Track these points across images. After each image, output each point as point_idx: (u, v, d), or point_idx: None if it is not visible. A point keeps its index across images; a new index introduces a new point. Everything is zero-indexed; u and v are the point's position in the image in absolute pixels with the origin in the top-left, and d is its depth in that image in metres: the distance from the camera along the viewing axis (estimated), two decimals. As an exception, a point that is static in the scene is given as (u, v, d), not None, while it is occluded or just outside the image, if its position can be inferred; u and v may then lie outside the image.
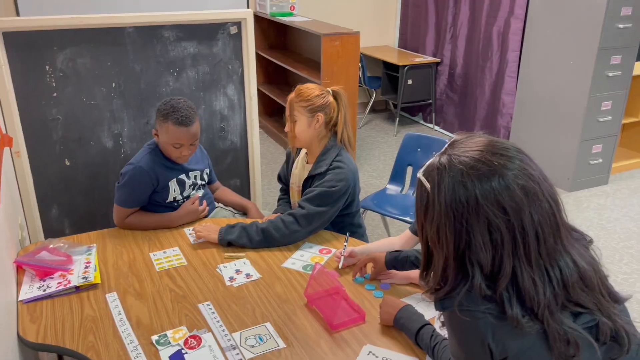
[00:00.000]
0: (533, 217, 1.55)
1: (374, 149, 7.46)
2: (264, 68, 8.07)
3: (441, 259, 1.64)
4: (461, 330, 1.66)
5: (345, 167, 3.19)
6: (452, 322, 1.69)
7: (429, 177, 1.64)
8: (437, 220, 1.60)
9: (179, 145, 3.22)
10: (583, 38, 5.69)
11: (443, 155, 1.64)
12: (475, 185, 1.54)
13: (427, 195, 1.63)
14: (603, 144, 6.14)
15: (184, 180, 3.36)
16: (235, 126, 4.28)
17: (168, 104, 3.20)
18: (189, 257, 2.96)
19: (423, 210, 1.66)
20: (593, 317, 1.61)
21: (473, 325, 1.61)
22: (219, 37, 4.05)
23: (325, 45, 5.90)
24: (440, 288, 1.66)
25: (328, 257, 2.95)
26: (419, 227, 1.71)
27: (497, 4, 6.92)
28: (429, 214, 1.63)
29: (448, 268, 1.63)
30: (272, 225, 3.08)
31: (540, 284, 1.57)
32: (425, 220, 1.66)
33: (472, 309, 1.60)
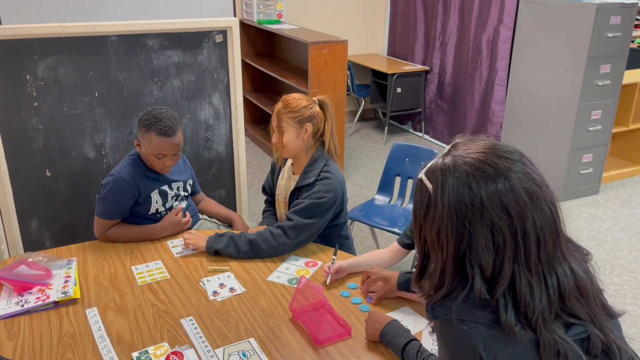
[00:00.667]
0: (535, 222, 1.54)
1: (362, 158, 7.45)
2: (250, 76, 8.06)
3: (439, 262, 1.63)
4: (452, 340, 1.64)
5: (333, 177, 3.17)
6: (443, 331, 1.66)
7: (431, 177, 1.62)
8: (438, 221, 1.59)
9: (161, 156, 3.19)
10: (572, 47, 5.69)
11: (447, 157, 1.63)
12: (480, 187, 1.54)
13: (429, 195, 1.61)
14: (593, 154, 6.14)
15: (167, 192, 3.33)
16: (220, 136, 4.25)
17: (150, 114, 3.17)
18: (172, 270, 2.93)
19: (423, 211, 1.64)
20: (585, 329, 1.60)
21: (465, 335, 1.58)
22: (204, 46, 4.02)
23: (313, 54, 5.88)
24: (436, 292, 1.65)
25: (314, 270, 2.93)
26: (416, 229, 1.69)
27: (486, 13, 6.93)
28: (429, 215, 1.62)
29: (446, 271, 1.62)
30: (260, 236, 3.06)
31: (537, 290, 1.56)
32: (424, 222, 1.64)
33: (465, 318, 1.58)
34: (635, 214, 5.90)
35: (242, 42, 7.82)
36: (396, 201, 4.57)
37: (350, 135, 8.32)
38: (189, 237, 3.13)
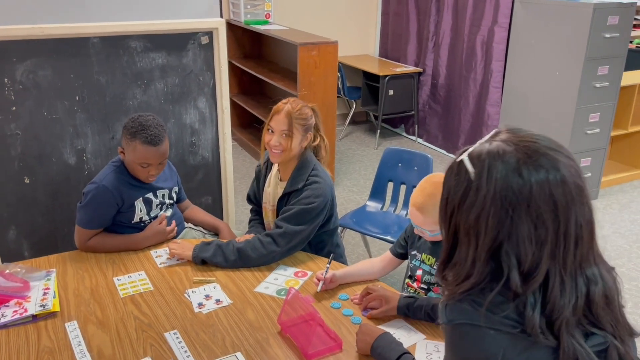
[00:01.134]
0: (577, 219, 1.54)
1: (353, 162, 7.44)
2: (238, 78, 8.04)
3: (471, 250, 1.60)
4: (467, 346, 1.61)
5: (322, 181, 3.17)
6: (457, 336, 1.63)
7: (475, 161, 1.60)
8: (479, 206, 1.56)
9: (146, 165, 3.16)
10: (569, 48, 5.69)
11: (492, 142, 1.61)
12: (531, 175, 1.52)
13: (468, 179, 1.59)
14: (592, 157, 6.14)
15: (151, 199, 3.30)
16: (206, 140, 4.23)
17: (136, 121, 3.14)
18: (156, 281, 2.90)
19: (459, 196, 1.61)
20: (605, 340, 1.59)
21: (482, 341, 1.57)
22: (189, 48, 4.00)
23: (302, 55, 5.87)
24: (462, 282, 1.61)
25: (303, 281, 2.90)
26: (446, 215, 1.67)
27: (481, 13, 6.93)
28: (468, 200, 1.59)
29: (477, 260, 1.59)
30: (248, 245, 3.04)
31: (567, 293, 1.55)
32: (459, 207, 1.62)
33: (483, 324, 1.56)
34: (635, 220, 5.90)
35: (228, 44, 7.78)
36: (389, 208, 4.56)
37: (341, 139, 8.31)
38: (174, 246, 3.10)
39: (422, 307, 2.54)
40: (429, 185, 2.61)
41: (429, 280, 2.74)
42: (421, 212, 2.58)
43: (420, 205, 2.58)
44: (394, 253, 2.94)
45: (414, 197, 2.62)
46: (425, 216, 2.58)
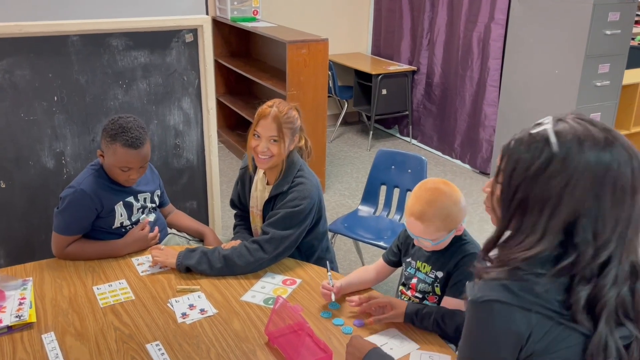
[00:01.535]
0: None
1: (345, 165, 7.44)
2: (224, 77, 8.03)
3: (544, 220, 1.67)
4: (496, 323, 1.69)
5: (307, 182, 3.18)
6: (486, 312, 1.70)
7: (565, 135, 1.67)
8: (565, 178, 1.63)
9: (127, 169, 3.15)
10: (568, 45, 5.70)
11: (564, 122, 1.72)
12: (619, 155, 1.63)
13: (551, 152, 1.66)
14: (592, 159, 6.11)
15: (132, 204, 3.29)
16: (191, 142, 4.22)
17: (116, 123, 3.13)
18: (137, 290, 2.89)
19: (538, 167, 1.67)
20: (630, 334, 1.66)
21: (512, 318, 1.66)
22: (173, 46, 3.99)
23: (291, 53, 5.86)
24: (525, 250, 1.68)
25: (292, 289, 2.90)
26: (510, 187, 1.73)
27: (477, 9, 6.93)
28: (549, 171, 1.65)
29: (549, 231, 1.67)
30: (235, 252, 3.03)
31: (620, 279, 1.64)
32: (536, 178, 1.68)
33: (517, 304, 1.65)
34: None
35: (214, 42, 7.79)
36: (381, 212, 4.56)
37: (332, 141, 8.31)
38: (157, 253, 3.09)
39: (431, 315, 2.53)
40: (425, 192, 2.59)
41: (424, 289, 2.73)
42: (421, 221, 2.56)
43: (419, 214, 2.56)
44: (387, 260, 2.93)
45: (410, 207, 2.60)
46: (426, 225, 2.56)
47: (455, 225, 2.57)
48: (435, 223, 2.55)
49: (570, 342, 1.66)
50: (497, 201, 1.79)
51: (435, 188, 2.58)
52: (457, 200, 2.57)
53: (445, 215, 2.53)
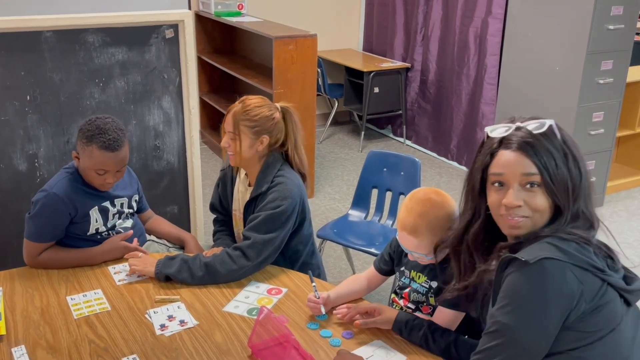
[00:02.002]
0: None
1: (335, 167, 7.44)
2: (208, 75, 8.03)
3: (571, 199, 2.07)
4: (547, 279, 1.89)
5: (287, 180, 3.18)
6: (534, 271, 1.91)
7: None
8: (581, 159, 2.13)
9: (103, 172, 3.13)
10: (569, 41, 5.71)
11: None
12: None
13: (563, 138, 2.12)
14: (596, 160, 6.16)
15: (108, 209, 3.28)
16: (172, 144, 4.21)
17: (93, 124, 3.11)
18: (113, 300, 2.87)
19: (565, 152, 2.09)
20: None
21: (564, 275, 1.89)
22: (152, 42, 3.99)
23: (278, 50, 5.86)
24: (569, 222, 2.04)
25: (277, 299, 2.89)
26: (561, 175, 2.06)
27: (473, 3, 6.94)
28: (572, 152, 2.11)
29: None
30: (217, 259, 3.02)
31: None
32: (572, 160, 2.11)
33: (569, 260, 1.92)
34: (644, 228, 5.92)
35: (197, 37, 7.81)
36: (373, 217, 4.55)
37: (322, 142, 8.31)
38: (134, 262, 3.07)
39: (421, 328, 2.50)
40: (416, 204, 2.58)
41: (417, 299, 2.72)
42: (415, 236, 2.55)
43: (412, 228, 2.55)
44: (378, 269, 2.91)
45: (402, 221, 2.59)
46: (420, 239, 2.55)
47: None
48: (429, 237, 2.53)
49: (611, 297, 1.96)
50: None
51: (427, 199, 2.57)
52: (451, 211, 2.56)
53: (439, 228, 2.52)
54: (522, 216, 2.05)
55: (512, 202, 2.04)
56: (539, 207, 2.04)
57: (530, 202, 2.03)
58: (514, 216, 2.06)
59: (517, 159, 2.06)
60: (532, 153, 2.04)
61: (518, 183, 2.05)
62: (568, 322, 1.91)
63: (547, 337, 1.92)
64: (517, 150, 2.07)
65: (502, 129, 2.15)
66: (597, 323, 1.93)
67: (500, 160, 2.10)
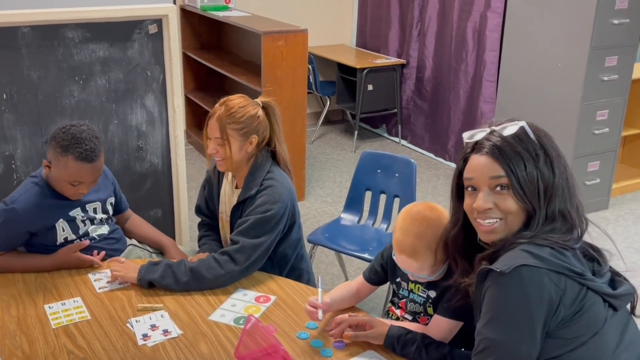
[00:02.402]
0: None
1: (327, 168, 7.44)
2: (194, 72, 8.02)
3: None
4: (526, 285, 1.96)
5: (277, 184, 3.18)
6: (513, 280, 1.97)
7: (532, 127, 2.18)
8: (560, 156, 2.17)
9: (77, 183, 3.12)
10: (572, 36, 5.71)
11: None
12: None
13: (538, 138, 2.16)
14: (600, 161, 6.17)
15: (75, 217, 3.26)
16: (155, 144, 4.21)
17: (68, 132, 3.07)
18: (94, 309, 2.87)
19: (537, 153, 2.12)
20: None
21: (542, 281, 1.96)
22: (135, 38, 3.98)
23: (267, 46, 5.85)
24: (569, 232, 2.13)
25: (266, 307, 2.89)
26: (534, 178, 2.11)
27: (472, -4, 6.94)
28: (547, 152, 2.14)
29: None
30: (203, 264, 3.02)
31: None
32: (548, 163, 2.14)
33: (546, 267, 1.98)
34: (651, 232, 5.92)
35: (182, 33, 7.80)
36: (366, 221, 4.55)
37: (313, 142, 8.31)
38: (116, 267, 3.07)
39: (415, 342, 2.49)
40: (411, 224, 2.55)
41: (414, 310, 2.71)
42: (416, 259, 2.53)
43: (411, 251, 2.53)
44: (368, 279, 2.89)
45: (399, 244, 2.57)
46: (421, 261, 2.52)
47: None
48: (430, 257, 2.51)
49: (592, 302, 2.01)
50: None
51: (422, 218, 2.55)
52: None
53: (439, 247, 2.51)
54: (494, 218, 2.13)
55: (480, 205, 2.12)
56: (509, 209, 2.11)
57: (501, 204, 2.11)
58: (486, 219, 2.14)
59: (486, 162, 2.13)
60: (499, 156, 2.11)
61: (487, 186, 2.13)
62: (549, 329, 1.98)
63: (535, 345, 1.99)
64: (486, 154, 2.14)
65: (477, 134, 2.21)
66: (578, 329, 2.01)
67: (471, 164, 2.19)
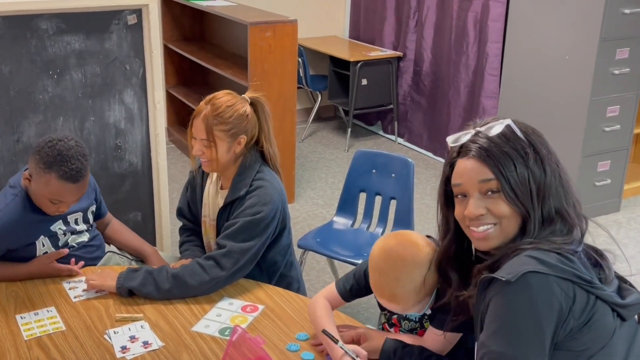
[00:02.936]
0: None
1: (319, 168, 7.45)
2: (175, 66, 8.01)
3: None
4: (533, 293, 1.92)
5: (268, 184, 3.18)
6: (520, 288, 1.93)
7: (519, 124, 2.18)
8: (552, 154, 2.23)
9: (57, 202, 3.10)
10: (580, 26, 5.72)
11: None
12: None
13: (526, 136, 2.16)
14: (611, 160, 6.17)
15: (56, 233, 3.25)
16: (134, 143, 4.21)
17: (54, 148, 3.01)
18: (69, 319, 2.87)
19: (526, 152, 2.13)
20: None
21: (551, 288, 1.92)
22: (113, 29, 3.99)
23: (254, 37, 5.85)
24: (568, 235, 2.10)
25: (253, 317, 2.89)
26: (524, 179, 2.10)
27: (473, -16, 6.95)
28: (536, 150, 2.17)
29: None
30: (186, 270, 3.02)
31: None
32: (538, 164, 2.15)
33: (554, 273, 1.94)
34: (665, 236, 5.92)
35: (164, 23, 7.78)
36: (361, 224, 4.56)
37: (304, 140, 8.31)
38: (93, 276, 3.05)
39: (412, 355, 2.48)
40: (387, 267, 2.47)
41: (410, 327, 2.70)
42: (397, 303, 2.48)
43: (390, 296, 2.48)
44: (344, 296, 2.77)
45: (377, 288, 2.52)
46: (403, 304, 2.48)
47: (433, 286, 2.48)
48: (415, 296, 2.46)
49: (601, 312, 1.97)
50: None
51: (396, 257, 2.46)
52: (427, 260, 2.44)
53: (419, 285, 2.43)
54: (488, 224, 2.10)
55: (472, 212, 2.10)
56: (503, 213, 2.09)
57: (493, 209, 2.09)
58: (479, 225, 2.11)
59: (473, 166, 2.11)
60: (487, 158, 2.08)
61: (477, 191, 2.11)
62: (557, 340, 1.94)
63: (544, 358, 1.94)
64: (473, 157, 2.11)
65: (462, 137, 2.18)
66: (587, 340, 1.97)
67: (458, 170, 2.16)
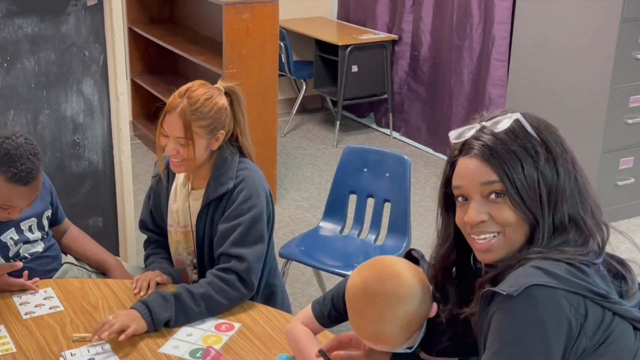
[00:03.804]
0: None
1: (304, 166, 7.46)
2: (141, 52, 7.99)
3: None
4: (539, 308, 1.85)
5: (254, 173, 3.21)
6: (525, 301, 1.86)
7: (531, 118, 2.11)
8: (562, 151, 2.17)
9: (8, 207, 3.08)
10: (599, 5, 5.72)
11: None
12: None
13: (538, 132, 2.10)
14: (635, 157, 6.17)
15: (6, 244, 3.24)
16: (95, 139, 4.21)
17: (0, 147, 3.00)
18: (19, 339, 2.86)
19: (536, 151, 2.06)
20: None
21: (559, 303, 1.85)
22: (70, 11, 3.99)
23: (229, 19, 5.85)
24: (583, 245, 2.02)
25: (229, 337, 2.87)
26: (533, 181, 2.02)
27: (477, -43, 6.96)
28: (548, 148, 2.10)
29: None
30: (213, 288, 3.00)
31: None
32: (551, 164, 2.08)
33: (561, 287, 1.86)
34: (695, 243, 5.90)
35: (128, 5, 7.75)
36: (350, 230, 4.55)
37: (286, 134, 8.31)
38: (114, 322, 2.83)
39: None
40: (368, 307, 2.36)
41: None
42: (384, 343, 2.42)
43: (375, 337, 2.40)
44: (319, 319, 2.69)
45: (360, 330, 2.42)
46: (391, 344, 2.46)
47: (424, 318, 2.41)
48: (402, 335, 2.45)
49: (620, 330, 1.90)
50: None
51: (375, 295, 2.35)
52: (412, 293, 2.36)
53: (407, 322, 2.35)
54: (491, 233, 2.02)
55: (472, 218, 2.01)
56: (507, 220, 2.00)
57: (497, 215, 2.00)
58: (480, 234, 2.02)
59: (475, 166, 2.02)
60: (491, 158, 2.00)
61: (479, 194, 2.02)
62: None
63: None
64: (475, 156, 2.02)
65: (466, 132, 2.09)
66: None
67: (459, 170, 2.07)
